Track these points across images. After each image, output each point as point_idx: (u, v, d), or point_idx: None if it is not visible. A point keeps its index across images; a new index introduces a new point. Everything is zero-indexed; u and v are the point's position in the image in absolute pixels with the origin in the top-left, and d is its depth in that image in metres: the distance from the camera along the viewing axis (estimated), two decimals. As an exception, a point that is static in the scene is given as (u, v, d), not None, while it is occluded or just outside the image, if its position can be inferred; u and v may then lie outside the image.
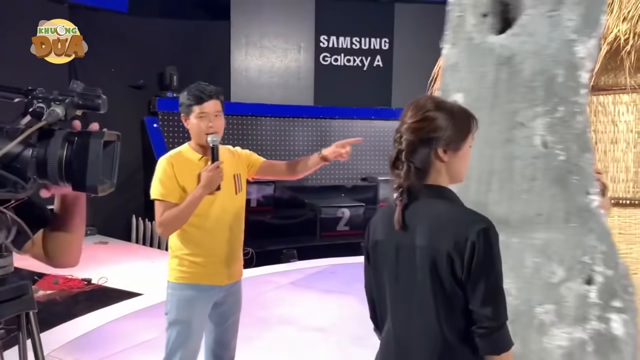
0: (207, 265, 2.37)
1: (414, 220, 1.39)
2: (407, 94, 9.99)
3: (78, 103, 0.91)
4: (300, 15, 9.34)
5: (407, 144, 1.40)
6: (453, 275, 1.32)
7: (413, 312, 1.41)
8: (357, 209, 8.29)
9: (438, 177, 1.42)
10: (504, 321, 1.34)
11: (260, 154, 2.73)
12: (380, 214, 1.54)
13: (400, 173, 1.41)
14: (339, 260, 6.53)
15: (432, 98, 1.49)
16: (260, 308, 4.87)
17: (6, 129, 0.89)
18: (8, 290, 0.95)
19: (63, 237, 1.12)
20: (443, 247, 1.33)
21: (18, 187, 0.88)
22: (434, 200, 1.40)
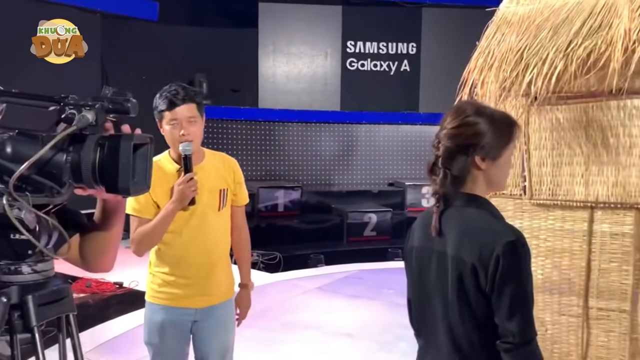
0: (180, 286, 2.18)
1: (448, 228, 1.38)
2: (434, 98, 10.00)
3: (108, 107, 0.93)
4: (326, 21, 9.37)
5: (444, 151, 1.39)
6: (477, 286, 1.30)
7: (441, 321, 1.39)
8: (384, 214, 8.24)
9: (475, 185, 1.39)
10: (531, 337, 1.30)
11: (287, 159, 2.71)
12: (419, 219, 1.53)
13: (437, 179, 1.39)
14: (366, 266, 6.51)
15: (473, 103, 1.47)
16: (287, 312, 4.89)
17: (42, 136, 0.92)
18: (50, 293, 0.98)
19: (100, 241, 1.14)
20: (468, 257, 1.31)
21: (54, 191, 0.91)
22: (467, 209, 1.38)
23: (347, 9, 9.36)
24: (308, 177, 9.10)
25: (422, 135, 9.48)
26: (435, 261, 1.40)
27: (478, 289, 1.30)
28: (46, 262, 0.99)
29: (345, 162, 9.30)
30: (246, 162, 8.76)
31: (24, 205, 0.89)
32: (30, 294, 0.96)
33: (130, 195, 0.94)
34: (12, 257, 0.95)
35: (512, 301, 1.27)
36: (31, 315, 0.96)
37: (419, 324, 1.51)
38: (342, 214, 8.18)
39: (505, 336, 1.29)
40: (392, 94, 9.41)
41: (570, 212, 2.35)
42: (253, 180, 8.65)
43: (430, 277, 1.41)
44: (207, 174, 2.18)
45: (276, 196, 8.33)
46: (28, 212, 0.90)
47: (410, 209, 8.80)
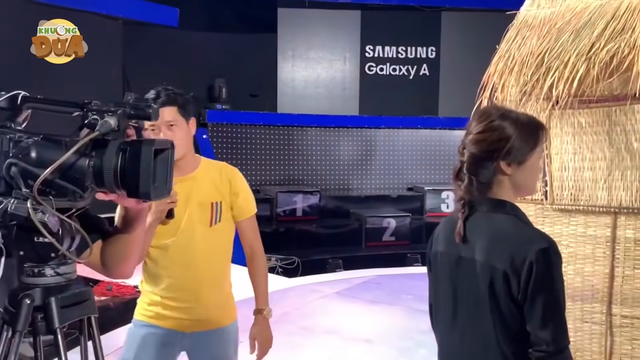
0: (167, 307, 1.97)
1: (474, 234, 1.36)
2: (454, 102, 9.94)
3: (130, 113, 0.95)
4: (345, 26, 9.39)
5: (469, 156, 1.37)
6: (509, 294, 1.29)
7: (469, 328, 1.38)
8: (403, 219, 8.19)
9: (501, 191, 1.37)
10: (564, 346, 1.28)
11: (306, 164, 2.61)
12: (443, 224, 1.52)
13: (461, 185, 1.38)
14: (384, 271, 6.47)
15: (499, 107, 1.46)
16: (306, 317, 4.89)
17: (65, 142, 0.94)
18: (72, 296, 1.00)
19: (121, 248, 1.14)
20: (500, 264, 1.29)
21: (77, 196, 0.93)
22: (495, 215, 1.36)
23: (366, 13, 9.37)
24: (327, 181, 9.11)
25: (441, 139, 9.42)
26: (463, 267, 1.38)
27: (510, 296, 1.29)
28: (68, 265, 1.01)
29: (364, 167, 9.28)
30: (265, 166, 8.80)
31: (47, 209, 0.91)
32: (53, 296, 0.98)
33: (151, 199, 0.95)
34: (36, 260, 0.97)
35: (545, 309, 1.26)
36: (54, 317, 0.98)
37: (442, 330, 1.49)
38: (361, 219, 8.16)
39: (538, 344, 1.27)
40: (411, 98, 9.38)
41: (593, 218, 2.31)
42: (271, 185, 8.68)
43: (456, 283, 1.40)
44: (199, 185, 1.98)
45: (295, 201, 8.35)
46: (52, 215, 0.92)
47: (429, 214, 8.75)
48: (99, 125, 0.91)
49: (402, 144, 9.40)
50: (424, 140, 9.44)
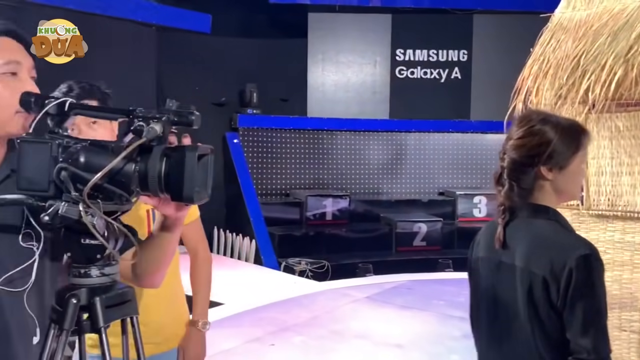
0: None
1: (515, 240, 1.35)
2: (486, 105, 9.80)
3: (174, 120, 0.98)
4: (376, 30, 9.39)
5: (509, 162, 1.36)
6: (548, 300, 1.27)
7: (509, 334, 1.36)
8: (434, 224, 8.12)
9: (542, 196, 1.36)
10: (605, 355, 1.26)
11: (335, 167, 2.54)
12: (484, 230, 1.51)
13: (502, 191, 1.37)
14: (415, 276, 6.43)
15: (539, 111, 1.45)
16: (336, 321, 4.89)
17: (111, 147, 0.98)
18: (115, 296, 1.04)
19: (154, 257, 1.16)
20: (539, 270, 1.28)
21: (123, 199, 0.97)
22: (536, 220, 1.35)
23: (397, 17, 9.34)
24: (356, 185, 9.10)
25: (473, 143, 9.32)
26: (503, 273, 1.37)
27: (549, 303, 1.27)
28: (113, 266, 1.04)
29: (394, 171, 9.24)
30: (295, 170, 8.85)
31: (96, 212, 0.95)
32: (98, 296, 1.01)
33: (193, 202, 0.98)
34: (83, 261, 1.01)
35: (585, 316, 1.24)
36: (99, 316, 1.01)
37: (482, 336, 1.49)
38: (391, 224, 8.12)
39: (579, 352, 1.25)
40: (442, 102, 9.31)
41: (631, 224, 2.26)
42: (301, 189, 8.72)
43: (497, 289, 1.39)
44: None
45: (324, 204, 8.37)
46: (99, 218, 0.96)
47: (461, 219, 8.65)
48: (145, 131, 0.94)
49: (433, 147, 9.33)
50: (455, 144, 9.34)
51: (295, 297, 5.57)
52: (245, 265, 7.07)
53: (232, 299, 5.31)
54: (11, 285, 1.06)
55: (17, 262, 1.06)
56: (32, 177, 0.96)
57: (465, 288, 5.49)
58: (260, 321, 4.81)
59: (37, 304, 1.10)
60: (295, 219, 8.25)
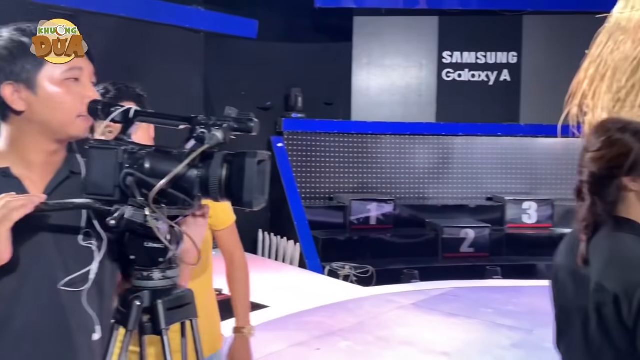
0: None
1: (594, 253, 1.30)
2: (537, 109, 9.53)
3: (234, 127, 1.00)
4: (422, 32, 9.29)
5: (589, 176, 1.30)
6: (619, 318, 1.21)
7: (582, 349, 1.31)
8: (482, 230, 7.93)
9: (627, 209, 1.29)
10: None
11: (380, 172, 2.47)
12: (565, 239, 1.45)
13: (583, 206, 1.31)
14: (463, 283, 6.31)
15: (617, 120, 1.38)
16: (382, 327, 4.85)
17: (174, 153, 1.00)
18: (176, 299, 1.06)
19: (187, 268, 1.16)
20: (611, 285, 1.22)
21: (186, 204, 0.99)
22: (618, 234, 1.28)
23: (444, 19, 9.22)
24: (401, 190, 9.01)
25: (523, 147, 9.08)
26: (579, 286, 1.32)
27: (620, 321, 1.22)
28: (174, 269, 1.06)
29: (440, 175, 9.10)
30: (338, 174, 8.84)
31: (161, 216, 0.97)
32: (160, 298, 1.04)
33: (252, 208, 0.99)
34: (146, 264, 1.04)
35: None
36: (161, 318, 1.03)
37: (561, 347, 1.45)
38: (437, 229, 7.99)
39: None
40: (491, 105, 9.11)
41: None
42: (345, 193, 8.71)
43: (573, 301, 1.34)
44: None
45: (368, 209, 8.32)
46: (163, 222, 0.98)
47: (510, 225, 8.42)
48: (208, 138, 0.96)
49: (481, 152, 9.14)
50: (504, 148, 9.12)
51: (340, 301, 5.55)
52: (289, 268, 7.11)
53: (277, 302, 5.34)
54: (72, 286, 1.10)
55: (78, 263, 1.10)
56: (99, 182, 0.99)
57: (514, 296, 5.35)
58: (306, 325, 4.82)
59: (96, 302, 1.13)
60: (339, 223, 8.23)
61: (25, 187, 1.11)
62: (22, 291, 1.08)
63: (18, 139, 1.11)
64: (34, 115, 1.09)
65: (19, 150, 1.12)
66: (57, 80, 1.09)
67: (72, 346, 1.11)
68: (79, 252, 1.09)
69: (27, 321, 1.09)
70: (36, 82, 1.08)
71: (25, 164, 1.12)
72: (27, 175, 1.12)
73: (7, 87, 1.08)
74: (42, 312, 1.10)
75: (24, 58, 1.08)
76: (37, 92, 1.08)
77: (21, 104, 1.09)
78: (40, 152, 1.12)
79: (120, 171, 0.98)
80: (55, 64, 1.08)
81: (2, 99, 1.09)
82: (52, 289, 1.10)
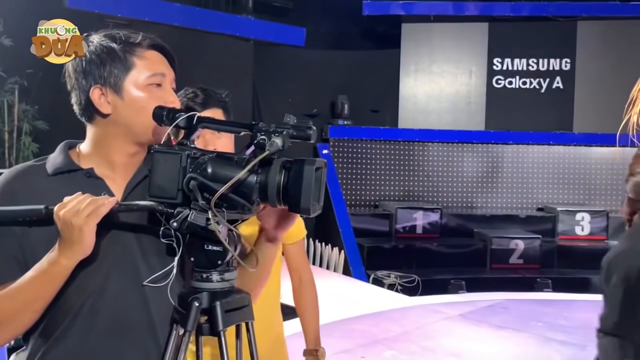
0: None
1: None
2: (591, 117, 9.21)
3: (292, 134, 1.01)
4: (471, 39, 9.15)
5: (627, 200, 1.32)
6: None
7: None
8: (533, 241, 7.70)
9: None
10: None
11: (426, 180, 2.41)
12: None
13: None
14: (512, 295, 6.14)
15: None
16: (428, 337, 4.78)
17: (235, 159, 1.02)
18: (234, 301, 1.07)
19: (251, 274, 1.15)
20: None
21: (245, 209, 1.00)
22: None
23: (494, 25, 9.06)
24: (448, 198, 8.87)
25: (576, 156, 8.79)
26: None
27: None
28: (232, 272, 1.08)
29: (489, 184, 8.91)
30: (384, 182, 8.79)
31: (221, 220, 0.99)
32: (218, 300, 1.05)
33: (309, 214, 1.00)
34: (205, 266, 1.06)
35: None
36: (218, 320, 1.05)
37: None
38: (486, 239, 7.82)
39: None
40: (542, 113, 8.87)
41: None
42: (391, 201, 8.64)
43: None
44: None
45: (414, 217, 8.23)
46: (223, 226, 1.00)
47: (562, 236, 8.15)
48: (268, 145, 0.97)
49: (532, 160, 8.89)
50: (557, 157, 8.85)
51: (385, 310, 5.50)
52: (334, 275, 7.10)
53: (322, 309, 5.32)
54: (155, 281, 1.13)
55: (161, 259, 1.13)
56: (163, 185, 1.02)
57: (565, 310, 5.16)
58: (351, 333, 4.80)
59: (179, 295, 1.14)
60: (384, 231, 8.17)
61: (108, 186, 1.15)
62: (107, 287, 1.12)
63: (102, 141, 1.16)
64: (119, 118, 1.14)
65: (102, 151, 1.16)
66: (141, 85, 1.13)
67: (156, 340, 1.15)
68: (159, 248, 1.12)
69: (112, 316, 1.13)
70: (122, 87, 1.13)
71: (108, 164, 1.17)
72: (110, 175, 1.17)
73: (95, 91, 1.13)
74: (127, 307, 1.14)
75: (112, 63, 1.12)
76: (123, 96, 1.13)
77: (108, 107, 1.13)
78: (122, 154, 1.16)
79: (184, 175, 1.01)
80: (140, 70, 1.13)
81: (90, 101, 1.13)
82: (137, 284, 1.14)
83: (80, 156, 1.18)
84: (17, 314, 1.08)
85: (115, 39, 1.14)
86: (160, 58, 1.17)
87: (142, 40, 1.15)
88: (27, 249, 1.11)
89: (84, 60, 1.13)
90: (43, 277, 1.06)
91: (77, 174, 1.15)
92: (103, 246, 1.10)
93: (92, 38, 1.15)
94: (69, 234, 1.02)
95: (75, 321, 1.12)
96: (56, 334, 1.12)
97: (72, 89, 1.16)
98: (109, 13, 6.63)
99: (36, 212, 1.05)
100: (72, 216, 1.01)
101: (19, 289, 1.07)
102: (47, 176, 1.15)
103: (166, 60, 1.18)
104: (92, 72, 1.13)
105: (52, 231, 1.05)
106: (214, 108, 1.60)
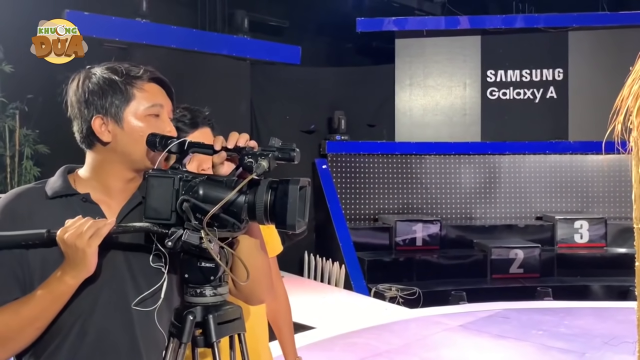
0: None
1: None
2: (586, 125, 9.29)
3: (278, 156, 1.08)
4: (464, 52, 9.28)
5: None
6: None
7: None
8: (532, 251, 7.74)
9: None
10: None
11: (425, 192, 2.49)
12: None
13: None
14: (512, 305, 6.17)
15: None
16: (429, 349, 4.80)
17: (225, 181, 1.09)
18: (226, 314, 1.14)
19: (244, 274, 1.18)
20: None
21: (235, 227, 1.08)
22: None
23: (486, 38, 9.19)
24: (447, 210, 8.93)
25: (573, 164, 8.86)
26: None
27: None
28: (224, 286, 1.15)
29: (487, 195, 8.97)
30: (383, 195, 8.85)
31: (214, 238, 1.06)
32: (211, 313, 1.12)
33: (295, 230, 1.07)
34: (199, 282, 1.13)
35: None
36: (212, 332, 1.12)
37: None
38: (485, 250, 7.86)
39: None
40: (537, 123, 8.96)
41: None
42: (390, 214, 8.70)
43: None
44: None
45: (414, 230, 8.27)
46: (215, 244, 1.07)
47: (561, 244, 8.19)
48: (255, 167, 1.05)
49: (529, 170, 8.97)
50: (553, 166, 8.92)
51: (386, 323, 5.54)
52: (335, 290, 7.13)
53: (323, 323, 5.37)
54: (143, 305, 1.19)
55: (149, 283, 1.19)
56: (157, 207, 1.09)
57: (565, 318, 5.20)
58: (352, 346, 4.83)
59: (166, 319, 1.20)
60: (384, 244, 8.21)
61: (103, 211, 1.21)
62: (95, 308, 1.17)
63: (101, 166, 1.22)
64: (118, 146, 1.20)
65: (100, 177, 1.22)
66: (140, 115, 1.20)
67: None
68: (148, 271, 1.17)
69: (100, 337, 1.17)
70: (122, 117, 1.19)
71: (104, 189, 1.23)
72: (105, 201, 1.22)
73: (97, 120, 1.19)
74: (114, 329, 1.18)
75: (114, 94, 1.19)
76: (123, 126, 1.19)
77: (108, 136, 1.19)
78: (119, 179, 1.23)
79: (177, 197, 1.08)
80: (139, 101, 1.19)
81: (92, 130, 1.20)
82: (125, 307, 1.18)
83: (78, 181, 1.24)
84: (21, 330, 1.13)
85: (117, 72, 1.20)
86: (159, 90, 1.24)
87: (142, 74, 1.22)
88: (25, 268, 1.16)
89: (87, 91, 1.20)
90: (49, 295, 1.11)
91: (73, 198, 1.21)
92: (96, 269, 1.14)
93: (95, 70, 1.22)
94: (74, 256, 1.08)
95: (65, 342, 1.16)
96: (46, 353, 1.17)
97: (74, 117, 1.23)
98: (108, 37, 6.75)
99: (38, 237, 1.11)
100: (76, 239, 1.07)
101: (25, 306, 1.13)
102: (46, 199, 1.20)
103: (164, 92, 1.25)
104: (94, 103, 1.19)
105: (46, 250, 1.12)
106: (203, 127, 1.59)
